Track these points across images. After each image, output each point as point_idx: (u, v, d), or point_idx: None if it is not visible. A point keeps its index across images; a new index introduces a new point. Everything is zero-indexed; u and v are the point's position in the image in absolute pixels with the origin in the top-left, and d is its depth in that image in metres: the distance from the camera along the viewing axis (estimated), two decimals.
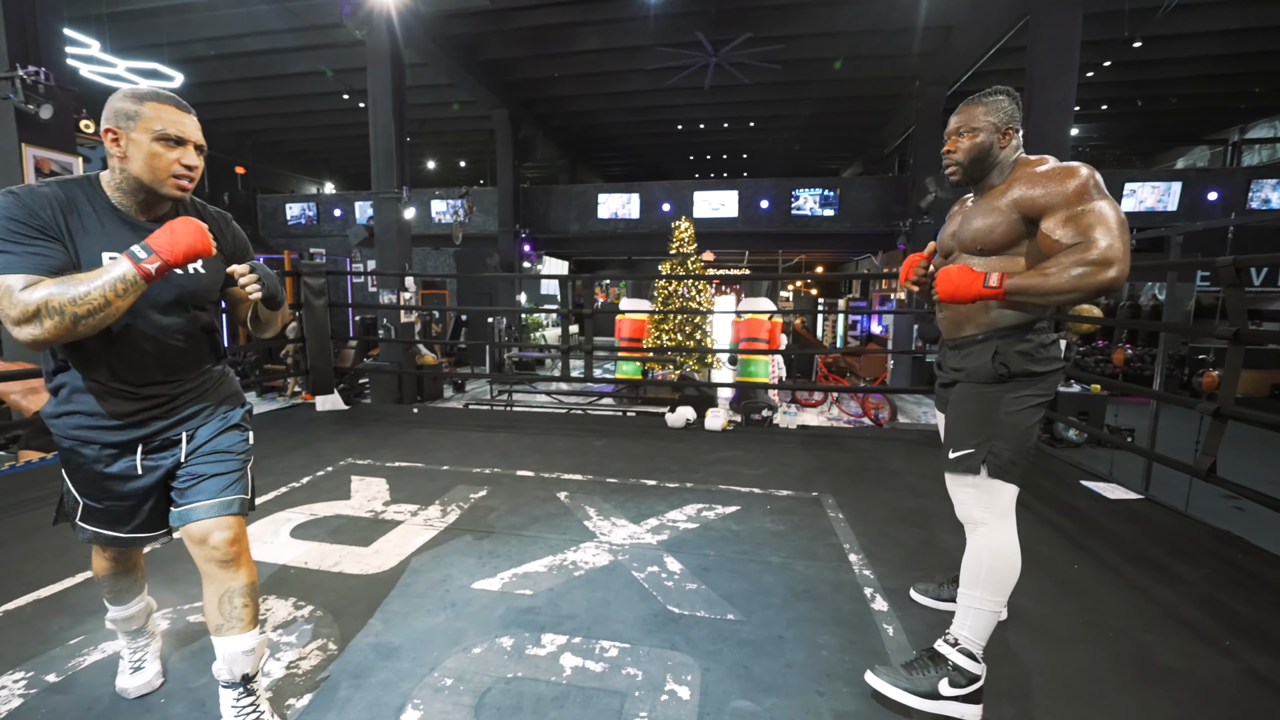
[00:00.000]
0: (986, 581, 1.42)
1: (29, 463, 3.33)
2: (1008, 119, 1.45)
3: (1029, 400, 1.43)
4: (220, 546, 1.25)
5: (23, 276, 1.07)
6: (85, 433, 1.22)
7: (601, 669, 1.60)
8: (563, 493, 2.97)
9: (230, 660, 1.27)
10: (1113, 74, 10.95)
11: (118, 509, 1.29)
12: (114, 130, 1.16)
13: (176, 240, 1.09)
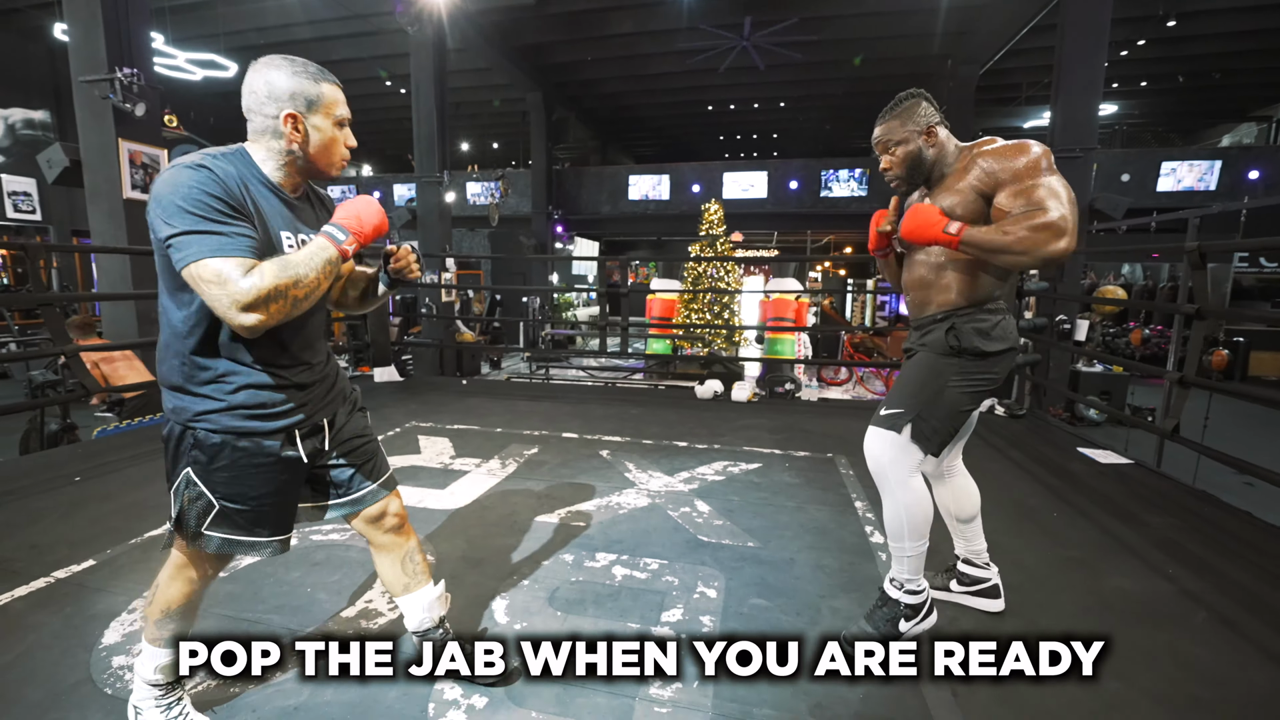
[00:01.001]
0: (908, 532, 1.53)
1: (130, 424, 3.87)
2: (926, 119, 1.51)
3: (972, 384, 1.50)
4: (394, 518, 1.37)
5: (239, 261, 1.01)
6: (250, 423, 1.14)
7: (645, 577, 2.00)
8: (604, 451, 3.38)
9: (426, 609, 1.40)
10: (1151, 50, 10.73)
11: (263, 508, 1.19)
12: (296, 115, 1.12)
13: (365, 220, 1.11)
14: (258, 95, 1.12)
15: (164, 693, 1.26)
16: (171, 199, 1.02)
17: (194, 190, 1.02)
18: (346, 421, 1.33)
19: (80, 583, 1.92)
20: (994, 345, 1.49)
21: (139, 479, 2.85)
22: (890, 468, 1.53)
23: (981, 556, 1.78)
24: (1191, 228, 5.15)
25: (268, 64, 1.13)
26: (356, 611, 1.78)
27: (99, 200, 4.78)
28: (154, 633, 1.23)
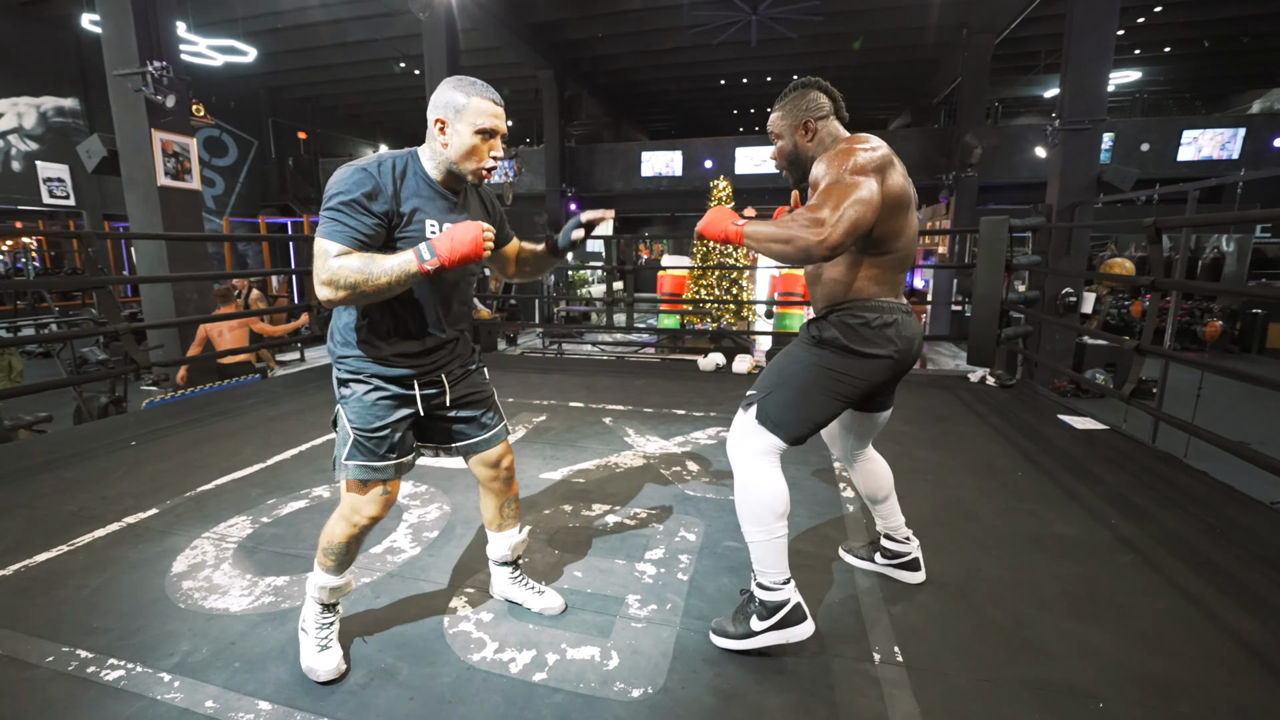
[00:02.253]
0: (749, 517, 1.49)
1: (175, 395, 4.22)
2: (803, 114, 1.49)
3: (826, 372, 1.46)
4: (507, 466, 1.63)
5: (340, 246, 1.25)
6: (376, 366, 1.39)
7: (634, 524, 2.26)
8: (607, 418, 3.64)
9: (510, 546, 1.69)
10: (1175, 14, 10.44)
11: (386, 438, 1.41)
12: (443, 120, 1.34)
13: (455, 246, 1.25)
14: (431, 103, 1.37)
15: (323, 611, 1.49)
16: (331, 188, 1.29)
17: (345, 183, 1.28)
18: (464, 378, 1.56)
19: (147, 526, 2.24)
20: (858, 344, 1.45)
21: (188, 443, 3.17)
22: (735, 446, 1.53)
23: (900, 532, 1.82)
24: (1191, 200, 5.20)
25: (445, 81, 1.39)
26: (383, 548, 2.07)
27: (135, 187, 5.09)
28: (320, 558, 1.47)
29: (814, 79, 1.52)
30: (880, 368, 1.48)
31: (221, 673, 1.47)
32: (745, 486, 1.50)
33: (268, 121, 15.38)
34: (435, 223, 1.37)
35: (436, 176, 1.39)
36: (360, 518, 1.44)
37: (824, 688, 1.43)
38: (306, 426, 3.44)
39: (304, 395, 4.18)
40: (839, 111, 1.52)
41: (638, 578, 1.89)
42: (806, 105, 1.49)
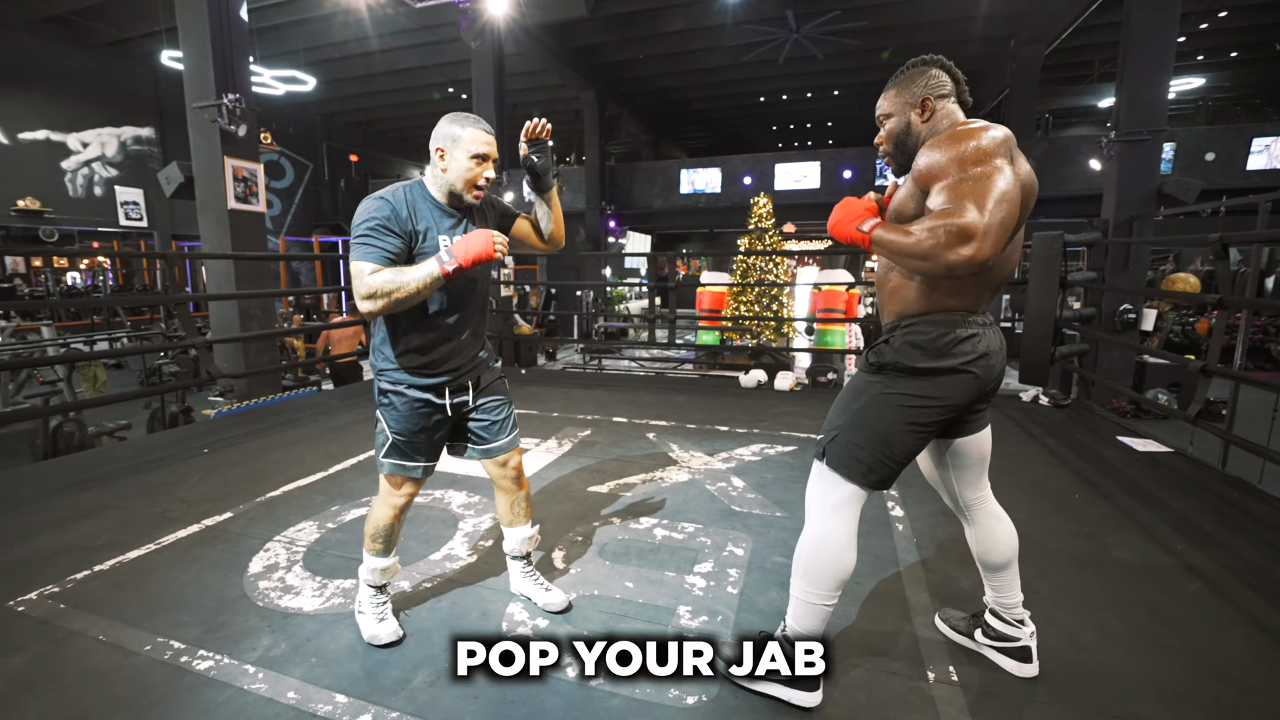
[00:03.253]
0: (804, 573, 1.38)
1: (242, 406, 4.46)
2: (923, 90, 1.32)
3: (894, 400, 1.30)
4: (516, 467, 1.79)
5: (371, 265, 1.45)
6: (410, 378, 1.59)
7: (682, 537, 2.30)
8: (651, 434, 3.69)
9: (519, 542, 1.83)
10: (1239, 19, 10.03)
11: (418, 441, 1.63)
12: (442, 149, 1.53)
13: (469, 249, 1.45)
14: (432, 136, 1.57)
15: (375, 593, 1.71)
16: (357, 219, 1.52)
17: (367, 214, 1.50)
18: (487, 387, 1.75)
19: (224, 529, 2.38)
20: (926, 361, 1.28)
21: (255, 451, 3.36)
22: (811, 497, 1.41)
23: (1013, 612, 1.53)
24: (1262, 212, 4.97)
25: (444, 117, 1.58)
26: (442, 555, 2.16)
27: (208, 211, 5.44)
28: (369, 544, 1.68)
29: (935, 56, 1.35)
30: (958, 384, 1.29)
31: (300, 667, 1.56)
32: (812, 544, 1.37)
33: (322, 145, 16.19)
34: (446, 237, 1.57)
35: (440, 198, 1.59)
36: (397, 501, 1.68)
37: (877, 703, 1.43)
38: (363, 438, 3.60)
39: (358, 408, 4.37)
40: (961, 95, 1.34)
41: (688, 589, 1.93)
42: (927, 82, 1.32)
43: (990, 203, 1.10)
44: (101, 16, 9.85)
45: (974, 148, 1.15)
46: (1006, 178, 1.13)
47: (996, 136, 1.17)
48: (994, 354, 1.31)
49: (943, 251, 1.10)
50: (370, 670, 1.55)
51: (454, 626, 1.74)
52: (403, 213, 1.52)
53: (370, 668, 1.55)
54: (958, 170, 1.15)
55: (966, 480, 1.50)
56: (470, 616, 1.79)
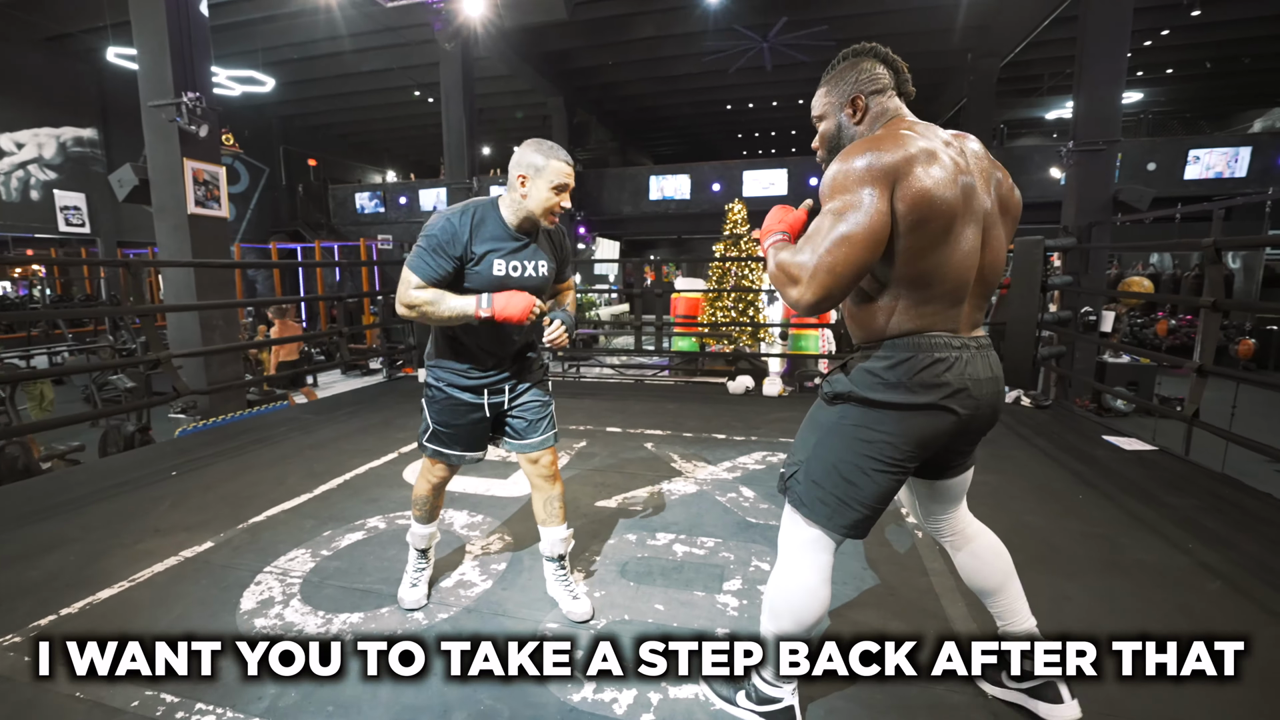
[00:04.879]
0: (771, 611, 1.28)
1: (208, 424, 4.18)
2: (853, 87, 1.20)
3: (852, 434, 1.16)
4: (548, 466, 1.81)
5: (417, 279, 1.58)
6: (453, 377, 1.73)
7: (704, 553, 2.22)
8: (649, 443, 3.60)
9: (551, 544, 1.83)
10: (1177, 38, 10.64)
11: (457, 432, 1.77)
12: (524, 176, 1.59)
13: (507, 308, 1.56)
14: (514, 162, 1.63)
15: (419, 556, 1.92)
16: (427, 228, 1.63)
17: (435, 230, 1.61)
18: (528, 389, 1.83)
19: (206, 560, 2.19)
20: (884, 393, 1.13)
21: (229, 472, 3.14)
22: (781, 535, 1.30)
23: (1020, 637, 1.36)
24: (1216, 219, 5.23)
25: (525, 144, 1.65)
26: (454, 582, 2.02)
27: (166, 216, 5.12)
28: (414, 511, 1.90)
29: (870, 45, 1.22)
30: (927, 423, 1.12)
31: (315, 717, 1.42)
32: (778, 585, 1.26)
33: (279, 149, 15.60)
34: (504, 262, 1.65)
35: (513, 222, 1.66)
36: (434, 478, 1.86)
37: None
38: (347, 455, 3.40)
39: (336, 423, 4.15)
40: (901, 85, 1.21)
41: (721, 610, 1.85)
42: (857, 77, 1.19)
43: (823, 246, 1.05)
44: (39, 10, 9.25)
45: (841, 171, 1.08)
46: (856, 216, 1.04)
47: (871, 159, 1.05)
48: (979, 383, 1.14)
49: (782, 289, 1.10)
50: (396, 715, 1.41)
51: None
52: (463, 236, 1.60)
53: (397, 715, 1.42)
54: (827, 198, 1.09)
55: (934, 511, 1.37)
56: (497, 650, 1.66)
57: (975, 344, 1.17)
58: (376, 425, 4.05)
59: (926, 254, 1.09)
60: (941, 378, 1.11)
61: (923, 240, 1.08)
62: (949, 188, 1.08)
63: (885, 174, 1.05)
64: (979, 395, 1.14)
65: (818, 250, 1.05)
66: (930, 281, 1.12)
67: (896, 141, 1.08)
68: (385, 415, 4.32)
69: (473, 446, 1.82)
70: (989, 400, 1.17)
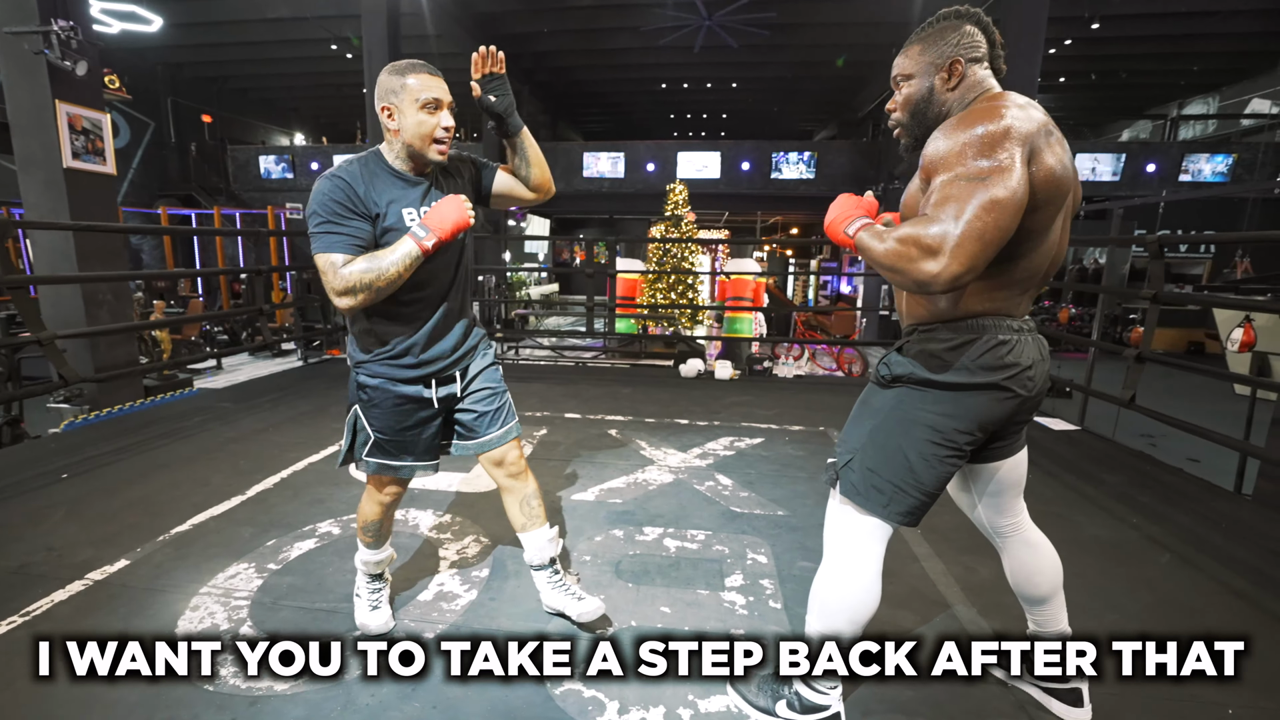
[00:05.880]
0: (821, 611, 1.24)
1: (99, 415, 3.64)
2: (954, 50, 1.11)
3: (914, 418, 1.13)
4: (515, 463, 1.59)
5: (340, 257, 1.29)
6: (390, 370, 1.44)
7: (696, 547, 2.14)
8: (612, 430, 3.48)
9: (539, 548, 1.62)
10: (1073, 49, 11.57)
11: (405, 439, 1.49)
12: (387, 107, 1.34)
13: (445, 219, 1.30)
14: (375, 96, 1.38)
15: (370, 580, 1.65)
16: (312, 202, 1.34)
17: (323, 196, 1.32)
18: (478, 373, 1.57)
19: (123, 584, 1.86)
20: (947, 374, 1.11)
21: (137, 472, 2.72)
22: (827, 531, 1.26)
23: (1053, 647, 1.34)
24: (1115, 218, 5.74)
25: (382, 70, 1.38)
26: (433, 595, 1.83)
27: (33, 169, 4.34)
28: (360, 536, 1.62)
29: (973, 10, 1.13)
30: (990, 403, 1.11)
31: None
32: (830, 581, 1.22)
33: (166, 101, 13.83)
34: (413, 209, 1.39)
35: (401, 166, 1.41)
36: (384, 498, 1.59)
37: (974, 716, 1.38)
38: (278, 448, 3.05)
39: (259, 412, 3.72)
40: (995, 60, 1.14)
41: (729, 609, 1.78)
42: (959, 40, 1.11)
43: (969, 211, 0.96)
44: None
45: (981, 135, 0.99)
46: (1005, 181, 0.97)
47: (1013, 122, 1.00)
48: (1035, 365, 1.14)
49: (908, 265, 0.99)
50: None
51: (501, 701, 1.45)
52: (360, 190, 1.34)
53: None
54: (957, 162, 1.00)
55: (996, 506, 1.34)
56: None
57: (1028, 326, 1.16)
58: (308, 414, 3.67)
59: (1028, 238, 1.06)
60: (1005, 359, 1.10)
61: (1031, 222, 1.04)
62: (1067, 171, 1.06)
63: (1025, 142, 1.00)
64: (1036, 376, 1.15)
65: (963, 216, 0.96)
66: (1017, 266, 1.09)
67: (1027, 112, 1.03)
68: (316, 403, 3.93)
69: (425, 454, 1.54)
70: (1041, 381, 1.17)
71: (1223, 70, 13.22)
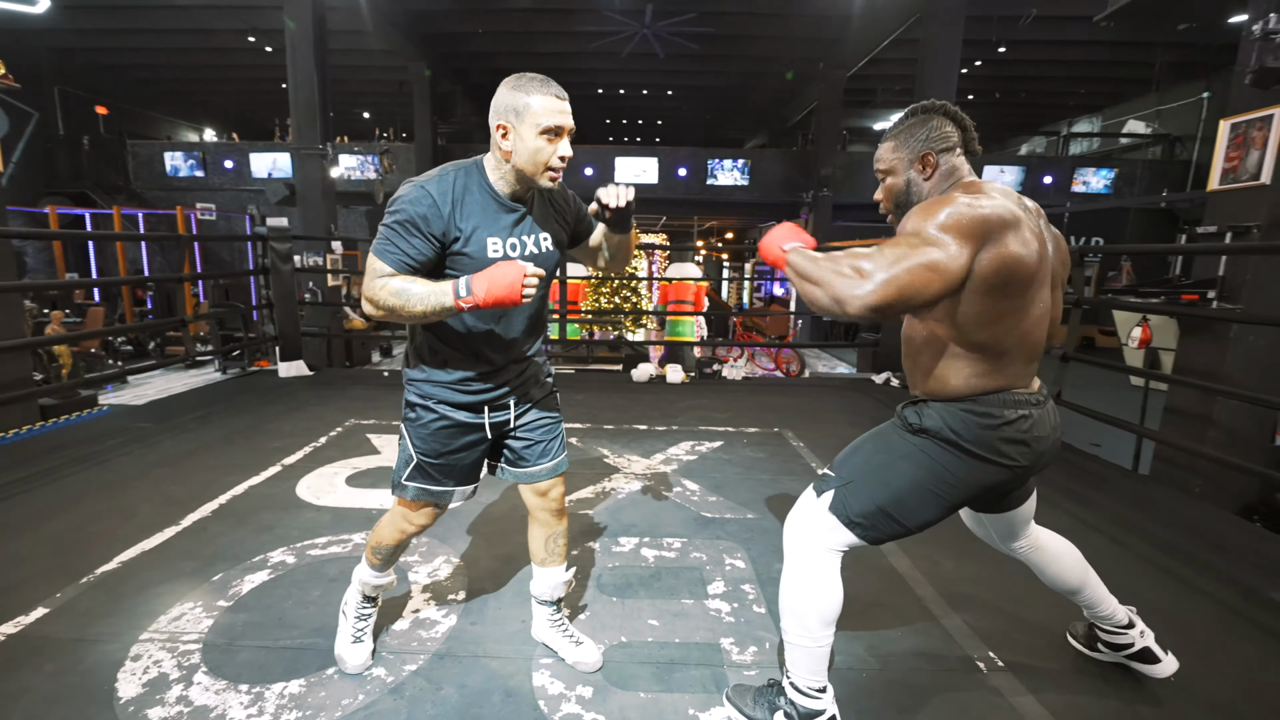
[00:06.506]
0: (791, 613, 1.28)
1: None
2: (923, 144, 1.22)
3: (926, 467, 1.20)
4: (557, 499, 1.55)
5: (387, 268, 1.24)
6: (444, 392, 1.37)
7: (674, 555, 2.14)
8: (572, 438, 3.43)
9: (551, 587, 1.57)
10: (982, 70, 12.50)
11: (449, 463, 1.42)
12: (504, 125, 1.25)
13: (493, 288, 1.18)
14: (491, 109, 1.29)
15: (363, 601, 1.57)
16: (393, 202, 1.27)
17: (405, 203, 1.25)
18: (534, 404, 1.51)
19: (44, 635, 1.66)
20: (973, 445, 1.18)
21: (48, 506, 2.43)
22: (796, 533, 1.30)
23: (1111, 621, 1.49)
24: None
25: (503, 84, 1.28)
26: (408, 624, 1.73)
27: None
28: (369, 556, 1.53)
29: (939, 103, 1.25)
30: (995, 473, 1.19)
31: None
32: (795, 583, 1.27)
33: (53, 90, 12.50)
34: (498, 240, 1.32)
35: (503, 189, 1.32)
36: (411, 526, 1.50)
37: (960, 708, 1.45)
38: (213, 472, 2.81)
39: (184, 432, 3.42)
40: (969, 143, 1.25)
41: (716, 617, 1.79)
42: (928, 134, 1.21)
43: (905, 264, 1.04)
44: None
45: (942, 216, 1.08)
46: (948, 253, 1.05)
47: (974, 210, 1.07)
48: (1045, 438, 1.22)
49: (834, 280, 1.06)
50: None
51: (479, 718, 1.39)
52: (445, 208, 1.26)
53: None
54: (913, 231, 1.09)
55: (1009, 534, 1.44)
56: (493, 702, 1.45)
57: (1042, 398, 1.25)
58: (243, 432, 3.41)
59: (1013, 312, 1.14)
60: (1019, 433, 1.18)
61: (1003, 303, 1.13)
62: (1032, 253, 1.12)
63: (981, 226, 1.08)
64: (1043, 449, 1.23)
65: (899, 263, 1.04)
66: (1009, 341, 1.17)
67: (990, 201, 1.10)
68: (251, 419, 3.65)
69: (467, 479, 1.48)
70: (1051, 449, 1.26)
71: (1106, 93, 14.64)
